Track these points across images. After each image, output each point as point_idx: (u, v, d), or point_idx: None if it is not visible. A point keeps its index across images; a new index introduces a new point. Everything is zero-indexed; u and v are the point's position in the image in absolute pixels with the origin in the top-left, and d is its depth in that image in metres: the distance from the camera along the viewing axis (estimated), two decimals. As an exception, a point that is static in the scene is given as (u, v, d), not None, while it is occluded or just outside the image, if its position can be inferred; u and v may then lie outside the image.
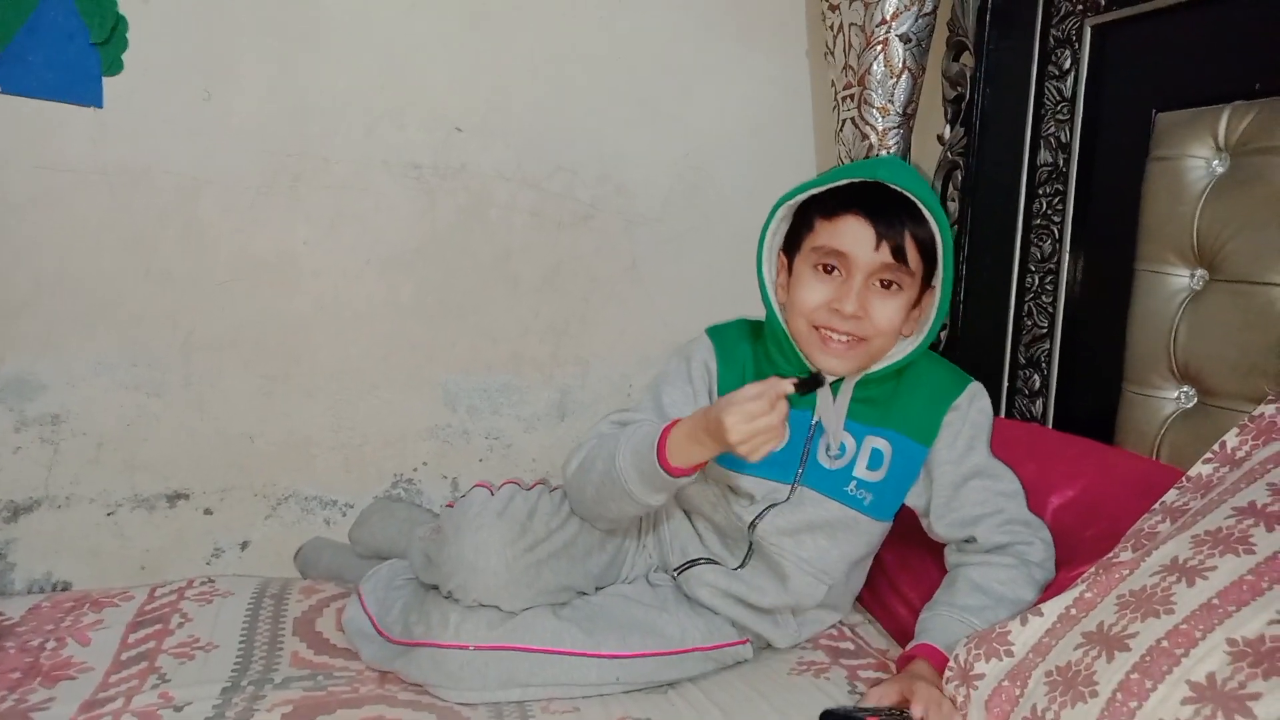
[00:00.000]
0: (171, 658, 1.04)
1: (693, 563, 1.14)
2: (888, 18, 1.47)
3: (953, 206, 1.55)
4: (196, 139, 1.53)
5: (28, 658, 1.03)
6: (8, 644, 1.06)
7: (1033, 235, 1.40)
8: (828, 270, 1.03)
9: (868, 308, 1.02)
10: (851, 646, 1.14)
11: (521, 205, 1.69)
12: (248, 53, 1.52)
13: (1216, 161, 1.11)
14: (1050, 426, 1.37)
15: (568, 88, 1.68)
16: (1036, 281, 1.39)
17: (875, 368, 1.07)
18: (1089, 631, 0.79)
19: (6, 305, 1.48)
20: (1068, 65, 1.32)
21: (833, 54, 1.60)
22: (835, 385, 1.09)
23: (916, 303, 1.06)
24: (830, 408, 1.09)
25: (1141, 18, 1.21)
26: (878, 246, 1.00)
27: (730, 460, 1.11)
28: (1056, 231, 1.36)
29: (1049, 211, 1.37)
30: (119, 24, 1.46)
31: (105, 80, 1.47)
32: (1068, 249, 1.34)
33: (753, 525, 1.10)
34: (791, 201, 1.07)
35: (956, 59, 1.52)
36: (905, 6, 1.47)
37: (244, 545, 1.64)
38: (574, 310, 1.75)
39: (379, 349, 1.66)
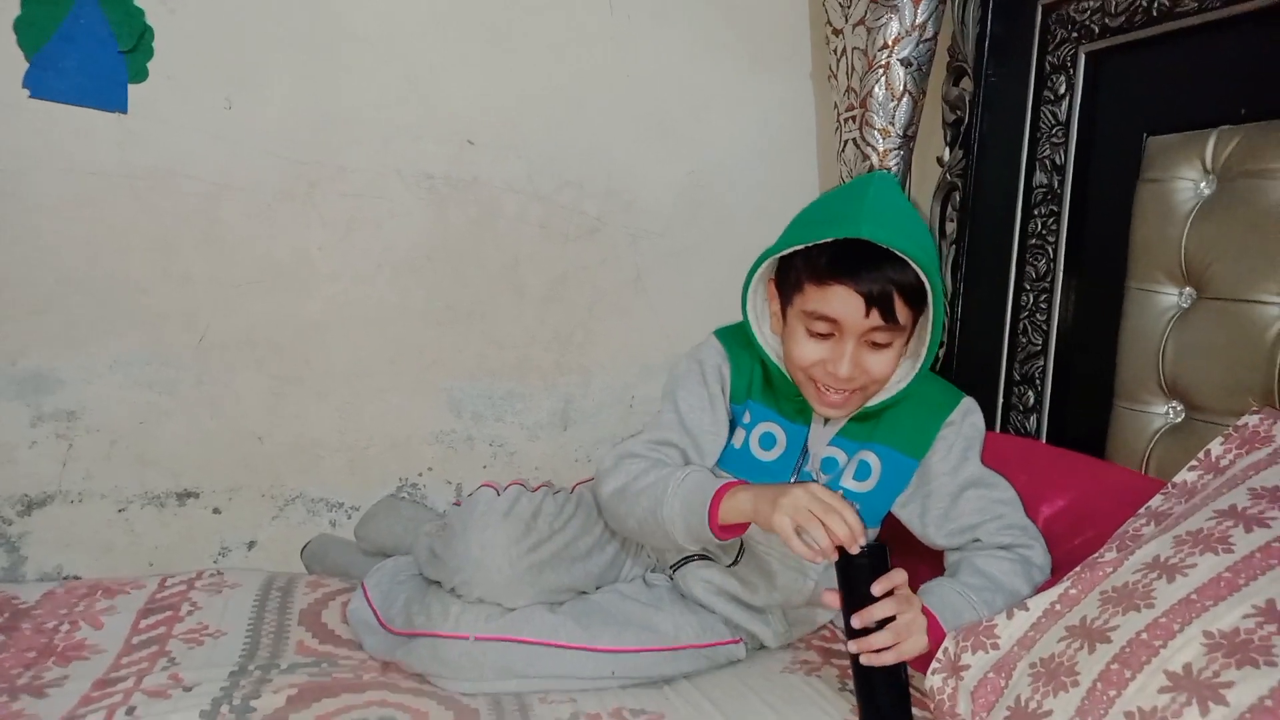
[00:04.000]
0: (181, 642, 1.07)
1: (688, 559, 1.17)
2: (889, 43, 1.52)
3: (951, 226, 1.59)
4: (219, 146, 1.57)
5: (43, 639, 1.06)
6: (24, 626, 1.09)
7: (1028, 255, 1.44)
8: (821, 334, 1.03)
9: (862, 364, 1.03)
10: (843, 647, 1.16)
11: (530, 217, 1.73)
12: (270, 63, 1.57)
13: (1204, 184, 1.15)
14: (1044, 441, 1.40)
15: (577, 105, 1.73)
16: (1031, 300, 1.43)
17: (872, 402, 1.10)
18: (1072, 625, 0.82)
19: (29, 303, 1.52)
20: (1063, 90, 1.36)
21: (836, 77, 1.65)
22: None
23: (910, 335, 1.08)
24: (819, 435, 1.13)
25: (1133, 45, 1.26)
26: (867, 314, 1.00)
27: (727, 461, 1.14)
28: (1051, 251, 1.39)
29: (1044, 232, 1.41)
30: (146, 33, 1.51)
31: (130, 87, 1.52)
32: (1062, 268, 1.37)
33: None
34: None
35: (956, 84, 1.56)
36: (906, 32, 1.52)
37: (250, 545, 1.67)
38: (579, 320, 1.78)
39: (388, 353, 1.70)
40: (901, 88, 1.54)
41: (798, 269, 1.04)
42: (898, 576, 0.93)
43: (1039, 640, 0.84)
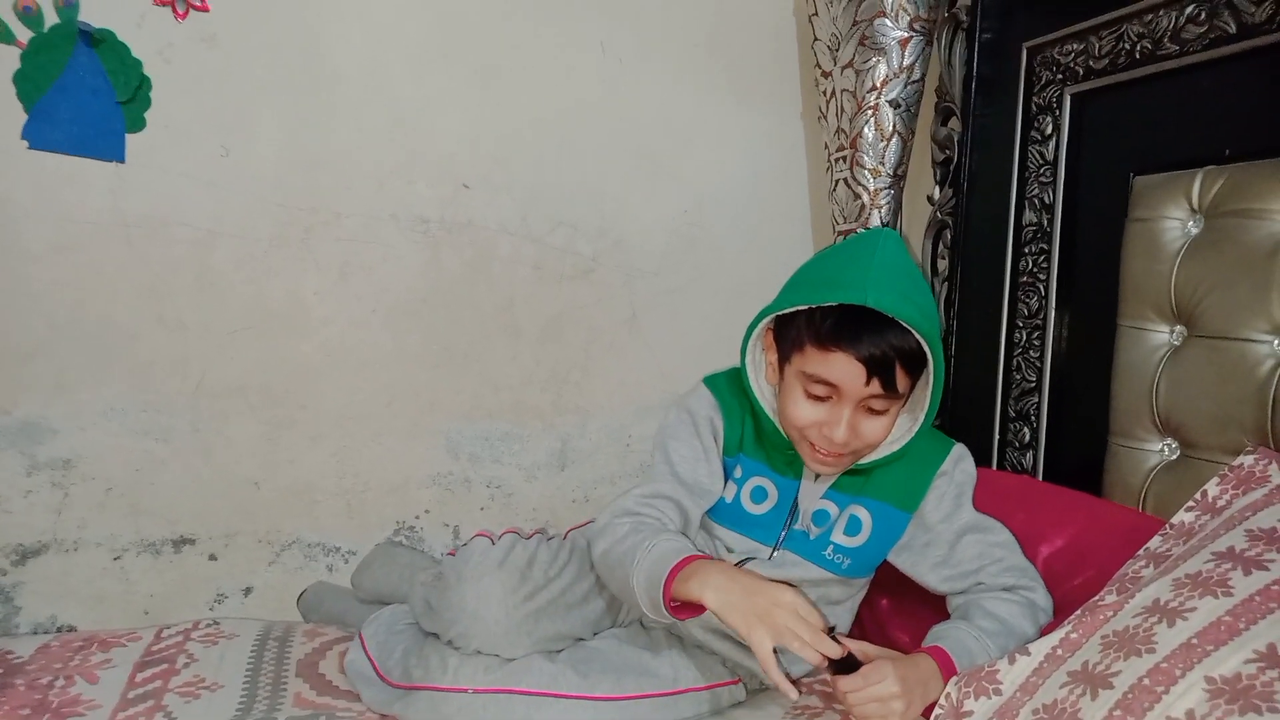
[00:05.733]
0: (178, 696, 1.06)
1: None
2: (878, 84, 1.55)
3: (943, 264, 1.60)
4: (213, 193, 1.58)
5: (37, 695, 1.05)
6: (17, 682, 1.07)
7: (1020, 292, 1.45)
8: (819, 396, 1.03)
9: (858, 429, 1.04)
10: (846, 692, 1.16)
11: (524, 258, 1.74)
12: (265, 111, 1.59)
13: (1191, 223, 1.17)
14: (1040, 478, 1.40)
15: (570, 146, 1.75)
16: (1024, 337, 1.44)
17: (866, 460, 1.10)
18: (1074, 670, 0.82)
19: (22, 350, 1.52)
20: (1049, 130, 1.38)
21: (826, 118, 1.67)
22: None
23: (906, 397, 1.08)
24: (810, 490, 1.13)
25: (1118, 86, 1.28)
26: (868, 382, 1.00)
27: (719, 514, 1.15)
28: (1042, 289, 1.40)
29: (1035, 269, 1.42)
30: (143, 84, 1.52)
31: (128, 137, 1.53)
32: (1053, 306, 1.38)
33: None
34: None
35: (944, 124, 1.58)
36: (894, 74, 1.54)
37: (247, 591, 1.65)
38: (575, 360, 1.79)
39: (383, 396, 1.70)
40: (891, 128, 1.57)
41: (800, 328, 1.04)
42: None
43: (1041, 686, 0.84)
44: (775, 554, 1.13)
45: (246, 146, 1.59)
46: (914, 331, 1.00)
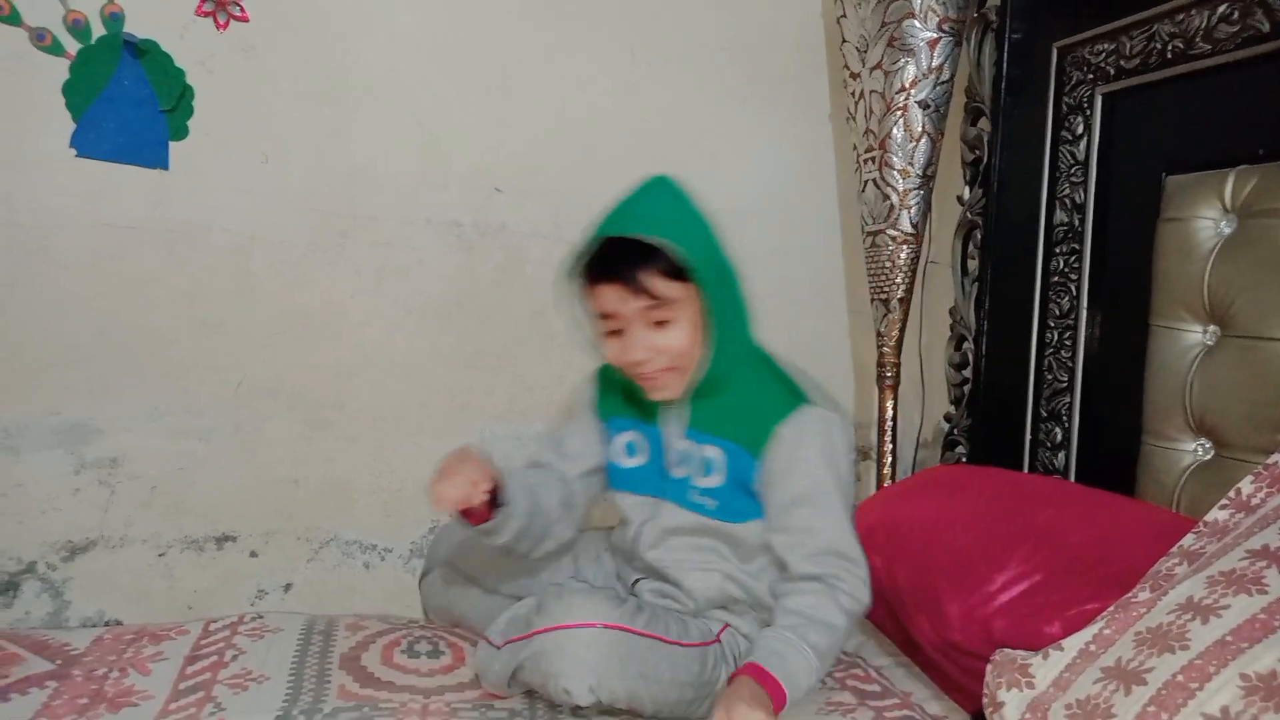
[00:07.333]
0: (226, 688, 1.09)
1: (638, 579, 1.22)
2: (907, 85, 1.55)
3: (973, 264, 1.60)
4: (252, 199, 1.62)
5: (93, 685, 1.08)
6: (74, 672, 1.11)
7: (1051, 292, 1.45)
8: (613, 330, 1.10)
9: (652, 345, 1.09)
10: (878, 688, 1.17)
11: (556, 261, 1.75)
12: (302, 118, 1.62)
13: (1224, 222, 1.17)
14: (1073, 479, 1.40)
15: (598, 150, 1.77)
16: (1056, 337, 1.44)
17: (703, 376, 1.11)
18: (1108, 666, 0.82)
19: (68, 353, 1.57)
20: (1080, 130, 1.39)
21: (854, 119, 1.68)
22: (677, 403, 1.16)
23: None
24: (673, 431, 1.16)
25: (1149, 86, 1.28)
26: (631, 299, 1.07)
27: (611, 478, 1.22)
28: (1074, 289, 1.41)
29: (1066, 270, 1.42)
30: (186, 93, 1.57)
31: (171, 144, 1.57)
32: (1085, 306, 1.39)
33: (635, 544, 1.18)
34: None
35: (974, 124, 1.59)
36: (923, 75, 1.55)
37: (287, 587, 1.69)
38: (606, 362, 1.81)
39: (418, 397, 1.73)
40: (920, 129, 1.57)
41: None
42: None
43: (1075, 681, 0.84)
44: (658, 506, 1.16)
45: (284, 153, 1.63)
46: (648, 238, 1.03)
